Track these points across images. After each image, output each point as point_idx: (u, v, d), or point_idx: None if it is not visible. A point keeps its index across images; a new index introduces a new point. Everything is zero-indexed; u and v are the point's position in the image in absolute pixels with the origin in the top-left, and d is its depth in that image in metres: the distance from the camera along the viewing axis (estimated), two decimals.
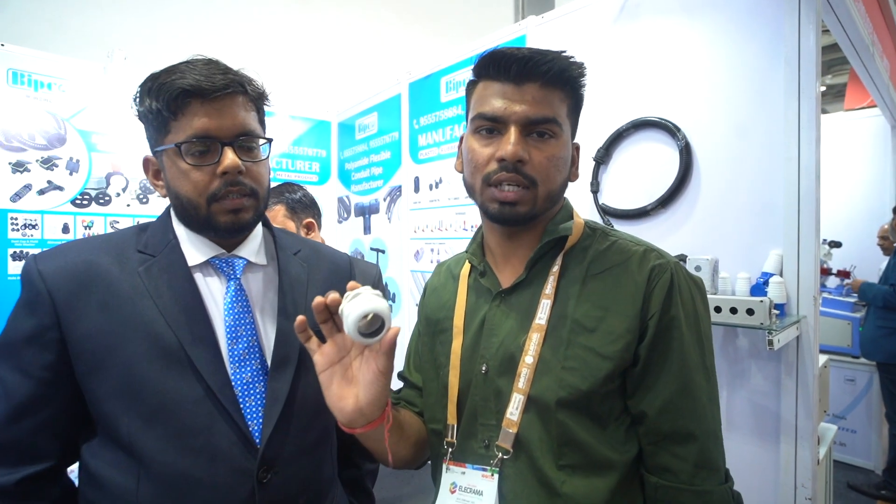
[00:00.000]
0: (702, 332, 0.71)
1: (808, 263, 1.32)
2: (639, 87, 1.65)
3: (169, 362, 0.71)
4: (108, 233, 0.84)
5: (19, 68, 2.19)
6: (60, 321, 0.71)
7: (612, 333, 0.68)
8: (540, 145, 0.70)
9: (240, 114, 0.75)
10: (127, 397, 0.70)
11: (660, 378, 0.68)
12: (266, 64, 0.86)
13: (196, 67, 0.73)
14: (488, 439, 0.72)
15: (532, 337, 0.70)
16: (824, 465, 1.62)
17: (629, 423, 0.70)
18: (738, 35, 1.45)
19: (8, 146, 2.16)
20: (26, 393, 0.71)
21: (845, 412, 3.29)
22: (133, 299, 0.73)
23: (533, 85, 0.69)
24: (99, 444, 0.73)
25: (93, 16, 2.80)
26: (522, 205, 0.70)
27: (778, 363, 1.36)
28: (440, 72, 2.39)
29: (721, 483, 0.68)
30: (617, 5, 1.70)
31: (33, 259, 0.74)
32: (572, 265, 0.74)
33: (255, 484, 0.72)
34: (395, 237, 2.75)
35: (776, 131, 1.37)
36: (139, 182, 2.52)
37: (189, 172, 0.73)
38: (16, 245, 2.19)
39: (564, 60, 0.71)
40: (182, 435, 0.70)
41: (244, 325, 0.77)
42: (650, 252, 0.72)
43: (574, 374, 0.67)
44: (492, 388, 0.73)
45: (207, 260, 0.79)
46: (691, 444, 0.67)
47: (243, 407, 0.74)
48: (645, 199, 1.62)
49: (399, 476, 2.02)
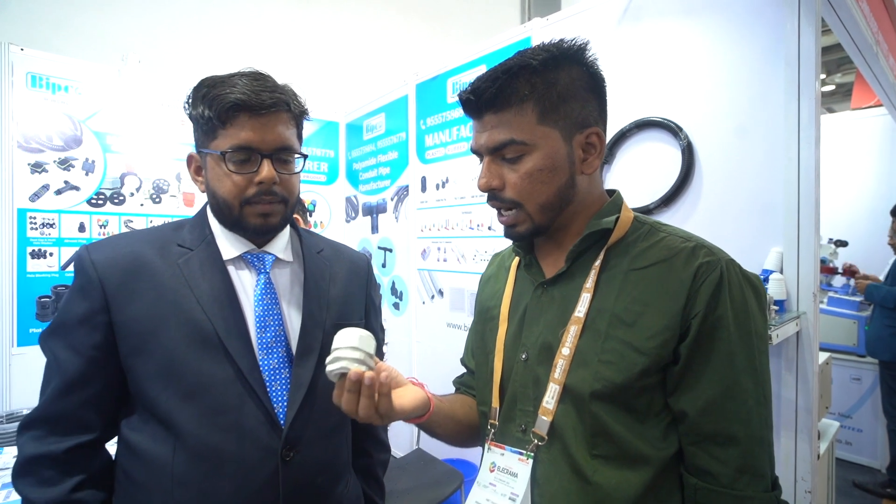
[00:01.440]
0: (752, 332, 0.68)
1: (808, 261, 1.34)
2: (642, 87, 1.68)
3: (204, 346, 0.78)
4: (149, 227, 0.91)
5: (38, 72, 2.26)
6: (109, 306, 0.78)
7: (650, 329, 0.67)
8: (513, 167, 0.71)
9: (281, 130, 0.82)
10: (166, 377, 0.77)
11: (702, 378, 0.66)
12: (275, 65, 0.90)
13: (247, 83, 0.79)
14: (525, 424, 0.74)
15: (570, 329, 0.71)
16: (825, 460, 1.64)
17: (670, 421, 0.69)
18: (739, 36, 1.48)
19: (27, 147, 2.23)
20: (77, 369, 0.78)
21: (851, 411, 3.29)
22: (174, 288, 0.80)
23: (489, 113, 0.71)
24: (138, 419, 0.79)
25: (106, 19, 2.87)
26: (520, 225, 0.73)
27: (778, 358, 1.38)
28: (447, 73, 2.42)
29: (766, 490, 0.65)
30: (620, 7, 1.73)
31: (86, 249, 0.80)
32: (615, 259, 0.73)
33: (279, 461, 0.78)
34: (403, 236, 2.79)
35: (776, 131, 1.39)
36: (152, 182, 2.58)
37: (229, 176, 0.80)
38: (34, 244, 2.26)
39: (507, 77, 0.68)
40: (214, 412, 0.77)
41: (272, 316, 0.83)
42: (699, 249, 0.69)
43: (610, 367, 0.67)
44: (531, 376, 0.75)
45: (240, 255, 0.86)
46: (733, 448, 0.65)
47: (270, 391, 0.80)
48: (648, 198, 1.65)
49: (411, 470, 2.06)
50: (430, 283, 2.60)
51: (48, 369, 0.80)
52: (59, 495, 0.75)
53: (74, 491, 0.76)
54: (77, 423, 0.79)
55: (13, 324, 2.18)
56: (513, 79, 0.68)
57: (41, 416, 0.78)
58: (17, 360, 2.18)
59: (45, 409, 0.78)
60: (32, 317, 2.24)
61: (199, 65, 3.07)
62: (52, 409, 0.78)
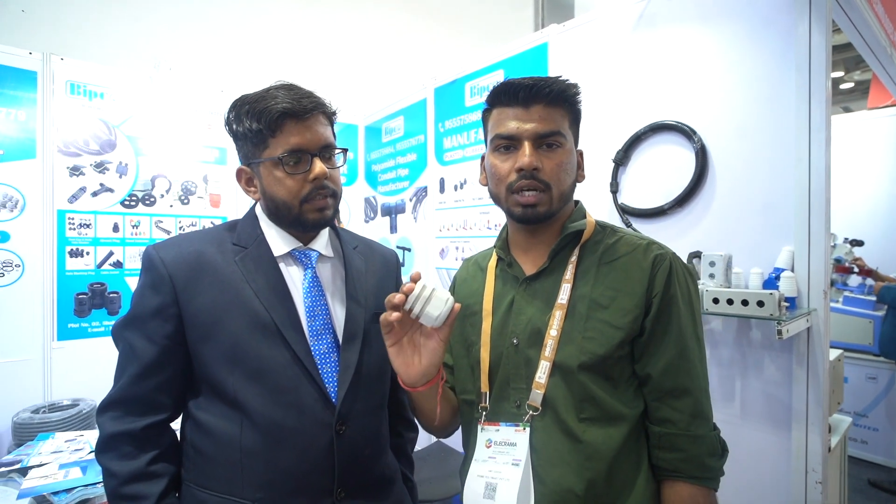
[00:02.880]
0: (694, 308, 0.86)
1: (819, 259, 1.39)
2: (656, 91, 1.73)
3: (264, 334, 0.87)
4: (205, 229, 1.00)
5: (76, 80, 2.37)
6: (178, 299, 0.87)
7: (623, 309, 0.82)
8: (549, 155, 0.85)
9: (322, 130, 0.91)
10: (231, 361, 0.86)
11: (661, 345, 0.82)
12: (297, 70, 1.00)
13: (286, 93, 0.88)
14: (520, 400, 0.86)
15: (555, 314, 0.84)
16: (837, 453, 1.68)
17: (636, 385, 0.85)
18: (751, 41, 1.53)
19: (66, 152, 2.34)
20: (151, 356, 0.87)
21: (867, 410, 3.29)
22: (233, 282, 0.89)
23: (538, 106, 0.84)
24: (205, 400, 0.89)
25: (140, 29, 2.98)
26: (541, 205, 0.85)
27: (789, 354, 1.43)
28: (465, 77, 2.49)
29: (711, 430, 0.84)
30: (635, 14, 1.79)
31: (154, 249, 0.90)
32: (587, 255, 0.88)
33: (334, 434, 0.87)
34: (421, 236, 2.87)
35: (787, 133, 1.44)
36: (181, 184, 2.69)
37: (284, 180, 0.88)
38: (72, 243, 2.37)
39: (562, 83, 0.86)
40: (276, 392, 0.86)
41: (320, 306, 0.93)
42: (652, 244, 0.87)
43: (592, 342, 0.82)
44: (522, 358, 0.87)
45: (289, 251, 0.94)
46: (687, 398, 0.82)
47: (322, 373, 0.89)
48: (662, 199, 1.70)
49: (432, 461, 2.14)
50: (448, 281, 2.67)
51: (123, 357, 0.89)
52: (138, 468, 0.84)
53: (150, 464, 0.85)
54: (151, 404, 0.88)
55: (54, 319, 2.30)
56: (568, 86, 0.86)
57: (119, 398, 0.87)
58: (57, 354, 2.29)
59: (122, 392, 0.87)
60: (71, 312, 2.35)
61: (225, 71, 3.18)
62: (129, 392, 0.87)
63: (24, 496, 1.26)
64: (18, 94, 2.23)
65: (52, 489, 1.28)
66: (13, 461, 1.49)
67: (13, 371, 2.18)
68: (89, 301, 2.41)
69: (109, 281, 2.47)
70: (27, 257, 2.24)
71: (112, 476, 0.84)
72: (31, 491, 1.27)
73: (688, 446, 0.81)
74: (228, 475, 0.85)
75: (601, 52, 1.89)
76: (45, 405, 2.14)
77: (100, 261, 2.45)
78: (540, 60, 2.11)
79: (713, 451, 0.82)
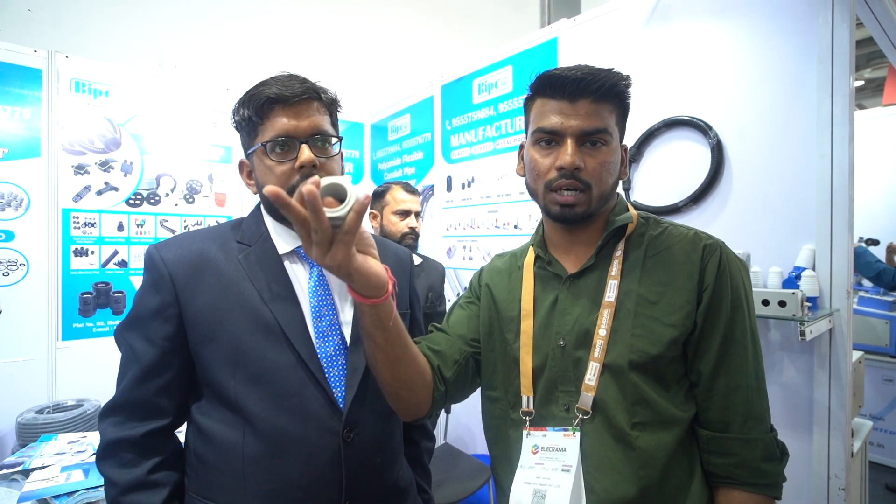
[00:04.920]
0: (748, 301, 0.80)
1: (841, 258, 1.34)
2: (670, 86, 1.69)
3: (266, 335, 0.83)
4: (210, 227, 0.97)
5: (81, 78, 2.36)
6: (179, 299, 0.83)
7: (673, 304, 0.77)
8: (593, 153, 0.79)
9: (314, 116, 0.86)
10: (233, 363, 0.82)
11: (712, 340, 0.77)
12: (302, 68, 0.96)
13: (280, 80, 0.85)
14: (569, 403, 0.81)
15: (603, 313, 0.80)
16: (859, 458, 1.63)
17: (688, 387, 0.80)
18: (770, 33, 1.48)
19: (71, 150, 2.33)
20: (152, 359, 0.83)
21: (883, 413, 3.23)
22: (236, 281, 0.85)
23: (585, 101, 0.78)
24: (208, 405, 0.85)
25: (145, 26, 2.97)
26: (579, 206, 0.80)
27: (811, 356, 1.39)
28: (472, 74, 2.46)
29: (766, 432, 0.77)
30: (648, 7, 1.74)
31: (155, 248, 0.86)
32: (632, 249, 0.83)
33: (341, 441, 0.82)
34: (428, 235, 2.83)
35: (809, 128, 1.39)
36: (186, 183, 2.67)
37: (273, 168, 0.84)
38: (77, 242, 2.35)
39: (614, 77, 0.80)
40: (279, 396, 0.81)
41: (326, 306, 0.88)
42: (700, 234, 0.82)
43: (642, 340, 0.77)
44: (570, 360, 0.81)
45: (294, 249, 0.90)
46: (738, 397, 0.76)
47: (328, 376, 0.84)
48: (676, 196, 1.66)
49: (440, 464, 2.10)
50: (455, 281, 2.63)
51: (125, 360, 0.86)
52: (138, 476, 0.81)
53: (151, 472, 0.82)
54: (152, 409, 0.84)
55: (58, 319, 2.28)
56: (618, 81, 0.80)
57: (120, 402, 0.84)
58: (62, 354, 2.28)
59: (123, 396, 0.84)
60: (75, 312, 2.34)
61: (230, 69, 3.16)
62: (129, 396, 0.83)
63: (26, 499, 1.23)
64: (23, 92, 2.22)
65: (54, 492, 1.25)
66: (16, 462, 1.47)
67: (18, 371, 2.17)
68: (94, 300, 2.39)
69: (114, 280, 2.45)
70: (32, 256, 2.22)
71: (112, 485, 0.81)
72: (33, 494, 1.25)
73: (740, 450, 0.76)
74: (231, 485, 0.81)
75: (613, 46, 1.84)
76: (49, 405, 2.12)
77: (104, 260, 2.43)
78: (550, 56, 2.07)
79: (770, 454, 0.76)
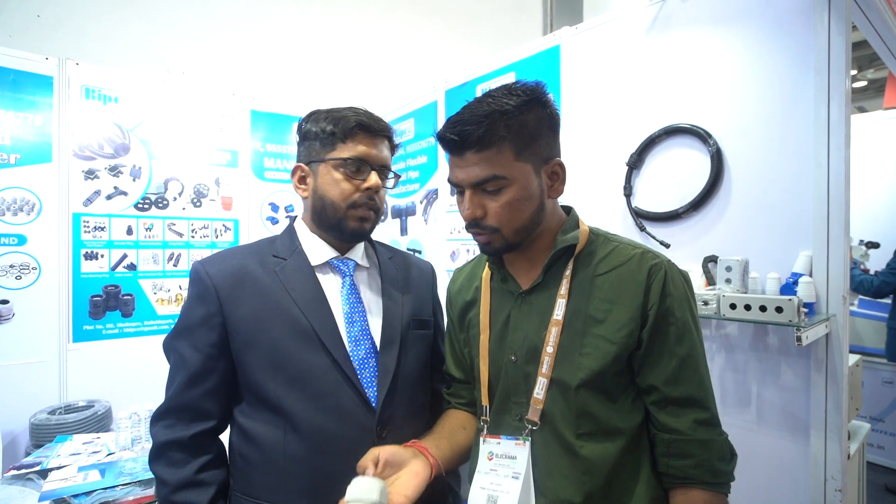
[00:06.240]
0: (691, 313, 0.84)
1: (838, 264, 1.37)
2: (671, 94, 1.72)
3: (303, 340, 0.90)
4: (248, 243, 1.05)
5: (91, 84, 2.40)
6: (223, 309, 0.91)
7: (618, 322, 0.81)
8: (493, 198, 0.82)
9: (386, 152, 0.99)
10: (273, 367, 0.89)
11: (663, 355, 0.82)
12: (308, 73, 1.05)
13: (362, 112, 0.98)
14: (521, 414, 0.86)
15: (551, 330, 0.84)
16: (856, 460, 1.66)
17: (634, 396, 0.85)
18: (768, 43, 1.51)
19: (81, 155, 2.37)
20: (198, 365, 0.90)
21: (883, 414, 3.25)
22: (274, 292, 0.92)
23: (470, 152, 0.80)
24: (249, 407, 0.92)
25: (153, 33, 3.01)
26: (494, 243, 0.84)
27: (808, 360, 1.41)
28: (476, 80, 2.49)
29: (719, 435, 0.83)
30: (649, 16, 1.77)
31: (200, 264, 0.94)
32: (581, 268, 0.87)
33: (375, 438, 0.90)
34: (432, 238, 2.87)
35: (806, 137, 1.42)
36: (193, 187, 2.71)
37: (341, 182, 0.94)
38: (87, 246, 2.40)
39: (491, 121, 0.78)
40: (317, 397, 0.89)
41: (357, 313, 0.96)
42: (647, 254, 0.85)
43: (588, 358, 0.81)
44: (521, 373, 0.87)
45: (326, 261, 0.99)
46: (694, 406, 0.81)
47: (361, 378, 0.92)
48: (677, 203, 1.69)
49: None
50: None
51: (174, 367, 0.93)
52: (188, 475, 0.88)
53: (199, 472, 0.89)
54: (199, 412, 0.91)
55: (69, 321, 2.32)
56: (494, 123, 0.79)
57: (170, 407, 0.91)
58: (73, 356, 2.32)
59: (173, 401, 0.91)
60: (86, 314, 2.38)
61: (237, 74, 3.20)
62: (178, 400, 0.90)
63: (46, 499, 1.27)
64: (35, 98, 2.26)
65: (73, 492, 1.30)
66: (33, 463, 1.51)
67: (30, 372, 2.21)
68: (104, 303, 2.44)
69: (123, 283, 2.49)
70: (43, 260, 2.26)
71: (163, 484, 0.87)
72: (52, 493, 1.29)
73: (698, 452, 0.81)
74: (273, 482, 0.88)
75: (614, 54, 1.87)
76: (61, 406, 2.16)
77: (114, 263, 2.47)
78: (552, 63, 2.10)
79: (723, 455, 0.82)
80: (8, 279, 2.18)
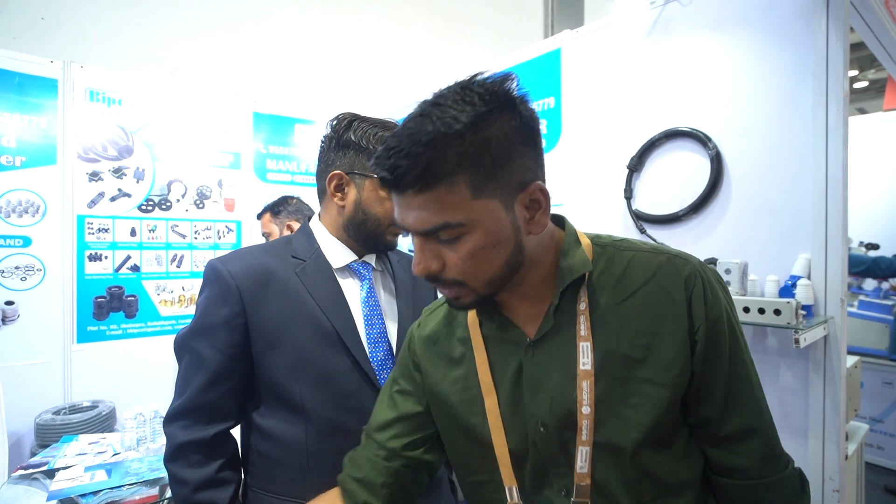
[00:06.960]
0: (737, 326, 0.68)
1: (836, 267, 1.38)
2: (671, 98, 1.74)
3: (326, 342, 0.91)
4: (263, 243, 1.05)
5: (96, 87, 2.42)
6: (246, 310, 0.91)
7: (664, 359, 0.63)
8: (452, 247, 0.60)
9: None
10: (297, 368, 0.90)
11: (715, 382, 0.65)
12: (309, 75, 1.05)
13: None
14: (566, 487, 0.67)
15: (582, 385, 0.64)
16: (854, 461, 1.67)
17: (688, 435, 0.68)
18: (767, 47, 1.52)
19: (85, 158, 2.39)
20: (219, 365, 0.90)
21: (883, 415, 3.26)
22: (297, 292, 0.93)
23: (411, 192, 0.57)
24: (267, 407, 0.93)
25: (156, 36, 3.03)
26: (464, 298, 0.65)
27: (806, 362, 1.43)
28: None
29: (785, 468, 0.67)
30: (650, 20, 1.79)
31: (219, 262, 0.93)
32: (598, 295, 0.67)
33: None
34: None
35: (804, 140, 1.43)
36: (196, 189, 2.73)
37: (385, 200, 0.96)
38: (91, 247, 2.42)
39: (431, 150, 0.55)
40: (341, 397, 0.91)
41: (376, 315, 0.98)
42: (674, 259, 0.67)
43: (638, 411, 0.63)
44: (556, 443, 0.67)
45: (346, 264, 0.99)
46: (754, 439, 0.66)
47: (380, 378, 0.93)
48: (677, 206, 1.70)
49: None
50: None
51: (190, 367, 0.92)
52: (209, 475, 0.88)
53: (219, 471, 0.90)
54: (220, 412, 0.91)
55: (73, 322, 2.34)
56: (437, 153, 0.55)
57: (188, 407, 0.90)
58: (77, 356, 2.34)
59: (190, 401, 0.90)
60: (90, 315, 2.40)
61: (240, 76, 3.22)
62: (198, 400, 0.90)
63: (53, 498, 1.29)
64: (40, 101, 2.28)
65: (80, 491, 1.31)
66: (40, 463, 1.53)
67: (35, 373, 2.23)
68: (107, 304, 2.45)
69: (127, 284, 2.51)
70: (48, 261, 2.28)
71: (184, 484, 0.87)
72: (60, 493, 1.31)
73: (765, 494, 0.66)
74: (294, 477, 0.90)
75: (615, 57, 1.89)
76: (65, 406, 2.18)
77: (117, 265, 2.49)
78: (553, 66, 2.11)
79: (794, 492, 0.67)
80: (13, 280, 2.20)
